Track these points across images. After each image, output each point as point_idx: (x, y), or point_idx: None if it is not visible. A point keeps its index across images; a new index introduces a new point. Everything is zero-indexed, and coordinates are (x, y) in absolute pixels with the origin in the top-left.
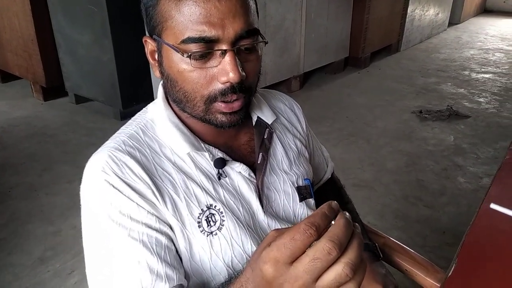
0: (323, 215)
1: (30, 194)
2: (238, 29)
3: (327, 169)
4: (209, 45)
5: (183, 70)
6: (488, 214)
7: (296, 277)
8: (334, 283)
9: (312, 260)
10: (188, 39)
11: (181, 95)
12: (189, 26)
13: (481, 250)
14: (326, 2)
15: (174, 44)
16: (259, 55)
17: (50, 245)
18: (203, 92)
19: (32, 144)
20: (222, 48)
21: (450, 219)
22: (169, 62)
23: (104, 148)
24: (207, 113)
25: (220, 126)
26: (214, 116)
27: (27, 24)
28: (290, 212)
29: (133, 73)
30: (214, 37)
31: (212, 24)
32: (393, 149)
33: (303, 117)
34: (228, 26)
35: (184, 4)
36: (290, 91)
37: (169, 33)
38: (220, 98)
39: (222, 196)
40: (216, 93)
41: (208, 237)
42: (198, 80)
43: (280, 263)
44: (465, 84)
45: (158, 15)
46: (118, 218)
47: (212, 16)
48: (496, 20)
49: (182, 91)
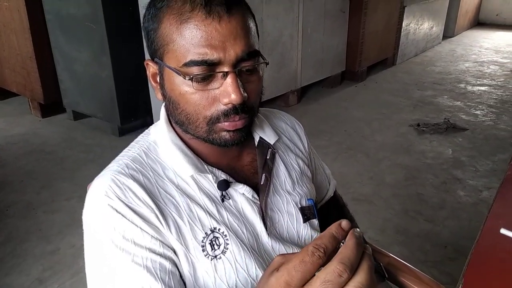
0: (331, 237)
1: (28, 212)
2: (239, 51)
3: (329, 187)
4: (210, 68)
5: (185, 93)
6: (492, 232)
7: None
8: None
9: (323, 282)
10: (190, 62)
11: (183, 117)
12: (191, 49)
13: (487, 270)
14: (322, 17)
15: (176, 67)
16: (260, 76)
17: (48, 265)
18: (206, 113)
19: (30, 161)
20: (224, 70)
21: (451, 233)
22: (171, 84)
23: (107, 172)
24: (210, 133)
25: (224, 144)
26: (218, 135)
27: (26, 42)
28: (294, 233)
29: (131, 89)
30: (216, 60)
31: (213, 47)
32: (391, 163)
33: (305, 136)
34: (229, 48)
35: (185, 27)
36: (288, 106)
37: (170, 56)
38: (223, 119)
39: (226, 218)
40: (219, 114)
41: (212, 261)
42: (200, 102)
43: (292, 287)
44: (461, 96)
45: (159, 38)
46: (122, 243)
47: (214, 39)
48: (490, 33)
49: (184, 113)
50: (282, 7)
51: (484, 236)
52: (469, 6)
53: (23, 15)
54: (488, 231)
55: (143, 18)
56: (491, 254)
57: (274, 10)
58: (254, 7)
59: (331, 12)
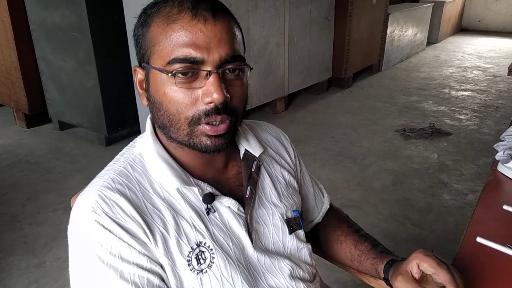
0: None
1: (13, 225)
2: (223, 53)
3: (324, 199)
4: (194, 66)
5: (169, 91)
6: (474, 238)
7: None
8: None
9: None
10: (173, 60)
11: (165, 119)
12: (176, 48)
13: (468, 275)
14: (308, 25)
15: (161, 67)
16: (244, 82)
17: (34, 278)
18: (187, 113)
19: (14, 173)
20: (207, 69)
21: (438, 236)
22: (155, 85)
23: (93, 187)
24: (192, 137)
25: (205, 150)
26: (199, 139)
27: (10, 52)
28: (280, 245)
29: (118, 98)
30: (199, 58)
31: (197, 47)
32: (379, 168)
33: (291, 147)
34: (213, 49)
35: (171, 28)
36: (276, 113)
37: (156, 57)
38: (204, 119)
39: (212, 232)
40: (200, 113)
41: (198, 275)
42: (182, 101)
43: None
44: (445, 101)
45: (147, 41)
46: (109, 259)
47: (198, 40)
48: (472, 39)
49: (166, 114)
50: (268, 15)
51: (467, 241)
52: (452, 12)
53: (7, 25)
54: (469, 236)
55: (135, 26)
56: (471, 261)
57: (260, 18)
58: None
59: (317, 20)
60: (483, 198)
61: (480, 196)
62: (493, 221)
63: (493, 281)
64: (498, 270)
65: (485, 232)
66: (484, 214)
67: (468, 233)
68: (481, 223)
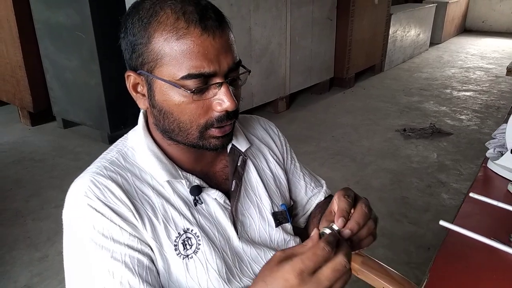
0: (335, 235)
1: (16, 220)
2: (231, 62)
3: (321, 192)
4: (206, 80)
5: (181, 103)
6: (458, 232)
7: (318, 284)
8: None
9: (333, 271)
10: (188, 75)
11: (175, 126)
12: (188, 63)
13: (451, 266)
14: (309, 25)
15: (172, 80)
16: (241, 83)
17: (36, 272)
18: (200, 121)
19: (19, 169)
20: (218, 81)
21: (435, 235)
22: (164, 96)
23: (86, 174)
24: (201, 139)
25: (214, 149)
26: (208, 141)
27: (15, 50)
28: (267, 237)
29: (121, 97)
30: (212, 72)
31: (210, 60)
32: (378, 167)
33: (278, 139)
34: (222, 61)
35: (182, 43)
36: (277, 112)
37: (164, 69)
38: (216, 124)
39: (199, 221)
40: (213, 121)
41: (184, 260)
42: (196, 111)
43: (305, 274)
44: (447, 102)
45: (151, 52)
46: (101, 240)
47: (209, 54)
48: (476, 40)
49: (176, 122)
50: (270, 15)
51: (451, 235)
52: (456, 13)
53: (12, 24)
54: (454, 231)
55: (124, 31)
56: (455, 251)
57: (262, 18)
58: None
59: (319, 20)
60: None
61: (468, 191)
62: (479, 215)
63: (476, 272)
64: (482, 262)
65: (470, 225)
66: (471, 209)
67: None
68: (467, 217)
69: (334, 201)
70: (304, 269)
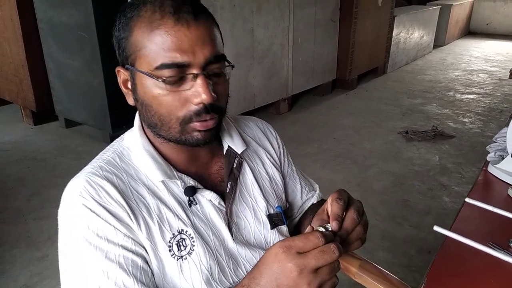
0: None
1: (17, 219)
2: (207, 54)
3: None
4: (181, 70)
5: (158, 95)
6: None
7: (304, 263)
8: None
9: (320, 251)
10: (161, 65)
11: (156, 119)
12: (162, 53)
13: (449, 270)
14: (312, 27)
15: (149, 71)
16: (227, 79)
17: (36, 271)
18: (178, 114)
19: (21, 168)
20: (194, 72)
21: (436, 238)
22: (144, 88)
23: (81, 174)
24: (183, 134)
25: (196, 144)
26: (190, 135)
27: (18, 50)
28: (262, 239)
29: (123, 97)
30: (185, 62)
31: (183, 51)
32: (379, 170)
33: (276, 141)
34: (198, 52)
35: (156, 34)
36: (279, 113)
37: (142, 61)
38: (195, 118)
39: (193, 222)
40: (191, 114)
41: (178, 261)
42: (172, 103)
43: (293, 250)
44: (450, 104)
45: (131, 45)
46: (95, 240)
47: (183, 44)
48: (480, 42)
49: (157, 115)
50: (273, 16)
51: (449, 240)
52: (460, 15)
53: (16, 23)
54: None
55: (114, 28)
56: (454, 256)
57: (264, 19)
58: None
59: (322, 21)
60: (470, 197)
61: (468, 195)
62: (478, 220)
63: (474, 278)
64: (479, 267)
65: (468, 230)
66: (470, 213)
67: (452, 231)
68: (465, 222)
69: (328, 202)
70: (293, 245)
